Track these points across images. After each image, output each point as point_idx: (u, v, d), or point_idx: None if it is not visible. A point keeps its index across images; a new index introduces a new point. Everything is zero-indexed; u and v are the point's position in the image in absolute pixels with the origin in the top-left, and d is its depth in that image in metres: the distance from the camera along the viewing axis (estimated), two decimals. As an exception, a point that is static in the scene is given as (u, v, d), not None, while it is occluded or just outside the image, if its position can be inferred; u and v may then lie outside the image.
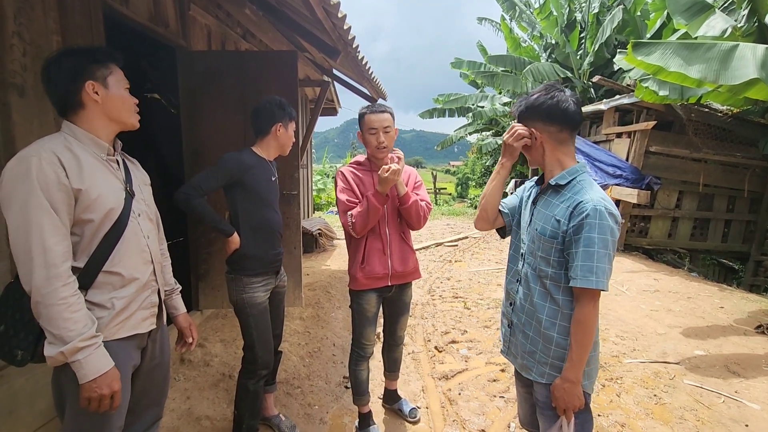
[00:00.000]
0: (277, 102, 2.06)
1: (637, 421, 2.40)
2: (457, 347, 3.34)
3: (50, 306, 1.08)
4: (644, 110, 6.38)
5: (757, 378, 2.89)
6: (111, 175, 1.27)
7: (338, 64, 3.91)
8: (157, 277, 1.39)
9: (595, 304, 1.28)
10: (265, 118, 2.05)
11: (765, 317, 3.99)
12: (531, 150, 1.43)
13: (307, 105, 7.25)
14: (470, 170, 19.61)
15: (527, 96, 1.42)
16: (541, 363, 1.40)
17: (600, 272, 1.24)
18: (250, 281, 2.02)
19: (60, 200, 1.12)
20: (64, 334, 1.09)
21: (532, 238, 1.41)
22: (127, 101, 1.29)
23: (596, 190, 1.31)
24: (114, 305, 1.24)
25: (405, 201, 2.02)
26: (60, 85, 1.21)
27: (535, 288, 1.40)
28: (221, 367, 2.77)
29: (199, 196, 1.92)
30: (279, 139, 2.10)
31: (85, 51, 1.24)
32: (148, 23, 2.74)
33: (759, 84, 3.68)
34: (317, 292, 4.42)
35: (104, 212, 1.20)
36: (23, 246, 1.09)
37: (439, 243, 7.58)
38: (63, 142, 1.18)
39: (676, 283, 5.16)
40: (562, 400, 1.33)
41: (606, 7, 9.90)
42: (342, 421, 2.42)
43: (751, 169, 6.46)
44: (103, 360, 1.15)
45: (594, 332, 1.30)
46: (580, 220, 1.26)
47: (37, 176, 1.08)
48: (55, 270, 1.09)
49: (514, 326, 1.50)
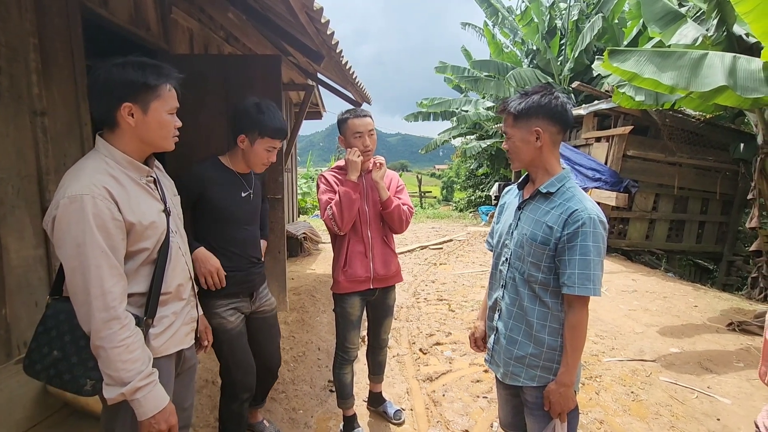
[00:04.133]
0: (249, 106, 1.78)
1: (615, 418, 2.47)
2: (441, 349, 3.37)
3: (110, 349, 1.08)
4: (622, 115, 6.57)
5: (728, 374, 3.00)
6: (152, 198, 1.26)
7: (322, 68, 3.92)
8: (195, 292, 1.42)
9: (587, 309, 1.32)
10: (233, 123, 1.83)
11: (736, 315, 4.14)
12: (525, 150, 1.38)
13: (292, 109, 7.24)
14: (455, 174, 19.79)
15: (524, 95, 1.37)
16: (532, 367, 1.40)
17: (596, 279, 1.28)
18: (214, 303, 1.82)
19: (116, 237, 1.11)
20: (123, 376, 1.09)
21: (520, 243, 1.40)
22: (165, 127, 1.23)
23: (587, 198, 1.34)
24: (162, 323, 1.25)
25: (387, 205, 2.04)
26: (98, 100, 1.17)
27: (524, 292, 1.40)
28: (204, 373, 2.74)
29: None
30: (245, 153, 1.84)
31: (138, 68, 1.17)
32: (129, 26, 2.71)
33: (727, 91, 3.84)
34: (302, 296, 4.40)
35: (156, 240, 1.21)
36: (82, 288, 1.07)
37: (424, 246, 7.63)
38: (106, 168, 1.15)
39: (653, 283, 5.32)
40: (557, 404, 1.34)
41: (585, 15, 10.17)
42: (327, 424, 2.42)
43: (723, 172, 6.72)
44: (160, 396, 1.16)
45: (586, 334, 1.34)
46: (575, 228, 1.27)
47: (93, 216, 1.07)
48: (114, 312, 1.09)
49: (499, 333, 1.49)
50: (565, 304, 1.35)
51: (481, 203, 13.78)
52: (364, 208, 2.08)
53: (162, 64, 1.22)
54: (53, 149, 2.07)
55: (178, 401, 1.36)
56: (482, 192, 14.66)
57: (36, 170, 1.99)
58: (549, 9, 10.94)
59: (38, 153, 1.98)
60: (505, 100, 1.42)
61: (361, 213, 2.06)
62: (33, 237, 1.97)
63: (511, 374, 1.44)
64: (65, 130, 2.16)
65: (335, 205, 1.96)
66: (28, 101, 1.93)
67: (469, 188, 16.19)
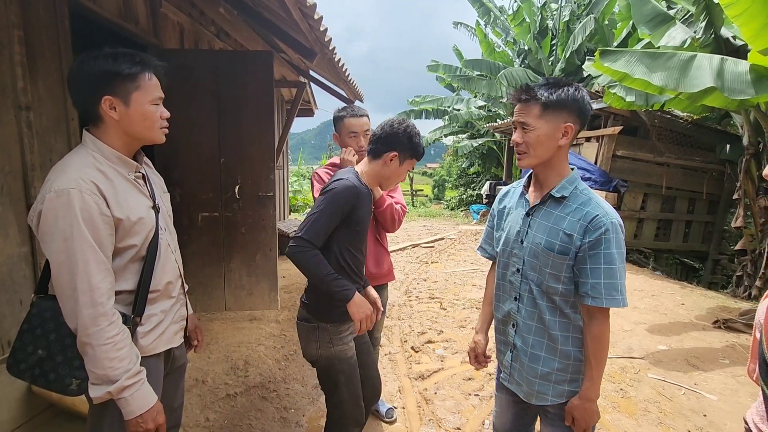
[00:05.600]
0: (411, 128, 1.64)
1: (605, 415, 2.50)
2: (433, 347, 3.38)
3: (97, 347, 1.05)
4: (611, 116, 6.64)
5: (715, 370, 3.05)
6: (140, 194, 1.23)
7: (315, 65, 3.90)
8: (185, 291, 1.39)
9: (609, 319, 1.24)
10: (386, 140, 1.61)
11: (722, 313, 4.22)
12: (547, 145, 1.23)
13: (284, 106, 7.19)
14: (446, 172, 19.83)
15: (555, 84, 1.22)
16: (559, 382, 1.31)
17: (622, 289, 1.20)
18: (337, 330, 1.62)
19: (103, 232, 1.08)
20: (110, 374, 1.07)
21: (534, 254, 1.29)
22: (149, 118, 1.18)
23: (604, 201, 1.25)
24: (151, 322, 1.23)
25: (380, 204, 2.03)
26: (77, 95, 1.14)
27: (543, 305, 1.30)
28: (194, 372, 2.71)
29: (313, 248, 1.49)
30: (385, 170, 1.64)
31: (111, 58, 1.11)
32: (117, 19, 2.66)
33: (715, 92, 3.90)
34: (293, 295, 4.37)
35: (144, 236, 1.18)
36: (68, 284, 1.05)
37: (415, 244, 7.64)
38: (93, 163, 1.12)
39: (642, 281, 5.39)
40: (583, 420, 1.25)
41: (576, 15, 10.25)
42: (318, 423, 2.41)
43: (709, 172, 6.83)
44: (148, 395, 1.14)
45: (608, 345, 1.27)
46: (598, 235, 1.18)
47: (80, 210, 1.04)
48: (102, 309, 1.06)
49: (518, 350, 1.37)
50: (584, 314, 1.26)
51: (472, 202, 13.83)
52: (357, 207, 2.06)
53: (137, 53, 1.16)
54: (39, 144, 2.02)
55: (167, 401, 1.34)
56: (473, 191, 14.73)
57: (21, 166, 1.94)
58: (540, 9, 11.01)
59: (23, 148, 1.94)
60: (527, 86, 1.24)
61: (354, 211, 2.05)
62: (18, 234, 1.93)
63: (537, 393, 1.33)
64: (52, 125, 2.12)
65: None
66: (13, 95, 1.88)
67: (461, 187, 16.26)
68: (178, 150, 3.22)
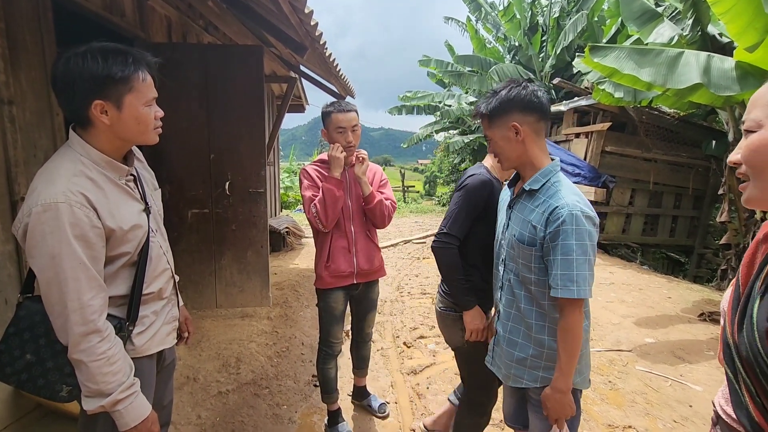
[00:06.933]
0: None
1: (593, 407, 2.54)
2: (425, 342, 3.40)
3: (90, 363, 1.02)
4: (600, 112, 6.71)
5: (700, 362, 3.12)
6: (132, 200, 1.18)
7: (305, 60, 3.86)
8: (177, 290, 1.37)
9: (580, 311, 1.24)
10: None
11: (707, 306, 4.31)
12: (509, 147, 1.33)
13: (274, 101, 7.12)
14: (438, 168, 19.87)
15: (493, 94, 1.33)
16: (534, 368, 1.35)
17: (581, 280, 1.20)
18: None
19: (96, 246, 1.04)
20: (104, 388, 1.04)
21: (511, 244, 1.36)
22: (143, 122, 1.11)
23: (570, 192, 1.27)
24: (143, 323, 1.20)
25: (370, 200, 2.03)
26: (63, 97, 1.05)
27: (520, 294, 1.35)
28: (185, 369, 2.69)
29: (457, 242, 1.63)
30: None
31: (101, 57, 1.02)
32: (103, 12, 2.61)
33: (702, 89, 3.96)
34: (285, 291, 4.36)
35: (137, 243, 1.15)
36: (58, 301, 1.00)
37: (407, 240, 7.66)
38: (82, 170, 1.05)
39: (629, 275, 5.48)
40: (554, 410, 1.28)
41: (566, 12, 10.29)
42: (311, 419, 2.42)
43: (695, 168, 6.94)
44: (142, 406, 1.11)
45: (581, 338, 1.26)
46: (556, 227, 1.21)
47: (70, 225, 0.98)
48: (93, 326, 1.02)
49: (498, 336, 1.45)
50: (558, 306, 1.29)
51: (463, 198, 13.85)
52: (348, 203, 2.06)
53: (130, 50, 1.08)
54: (22, 140, 1.98)
55: (157, 399, 1.33)
56: (465, 187, 14.73)
57: (4, 162, 1.90)
58: (531, 5, 11.03)
59: (6, 144, 1.89)
60: (477, 106, 1.38)
61: (344, 208, 2.05)
62: (1, 232, 1.89)
63: (514, 376, 1.40)
64: (35, 120, 2.07)
65: (319, 203, 1.94)
66: (-6, 89, 1.83)
67: (452, 183, 16.31)
68: (167, 146, 3.16)
